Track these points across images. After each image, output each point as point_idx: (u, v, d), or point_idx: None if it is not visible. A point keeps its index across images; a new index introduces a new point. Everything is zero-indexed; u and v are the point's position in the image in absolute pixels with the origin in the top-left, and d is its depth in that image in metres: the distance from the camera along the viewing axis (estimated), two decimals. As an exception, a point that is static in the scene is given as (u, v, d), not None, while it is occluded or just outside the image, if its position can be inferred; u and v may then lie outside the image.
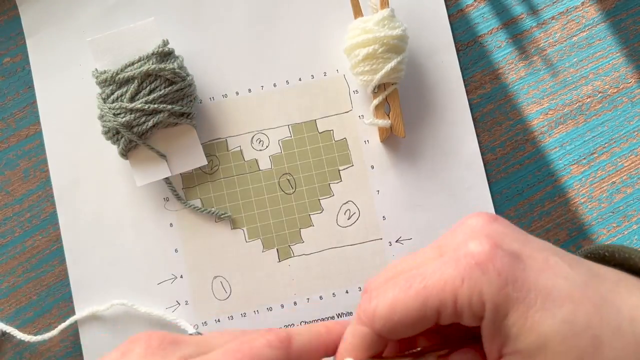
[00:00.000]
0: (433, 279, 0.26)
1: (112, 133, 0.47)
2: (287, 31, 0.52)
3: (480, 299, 0.25)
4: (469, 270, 0.25)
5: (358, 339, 0.28)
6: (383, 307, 0.26)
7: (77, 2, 0.52)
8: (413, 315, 0.26)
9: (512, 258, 0.25)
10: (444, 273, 0.25)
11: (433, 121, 0.51)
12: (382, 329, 0.27)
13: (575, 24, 0.53)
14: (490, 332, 0.25)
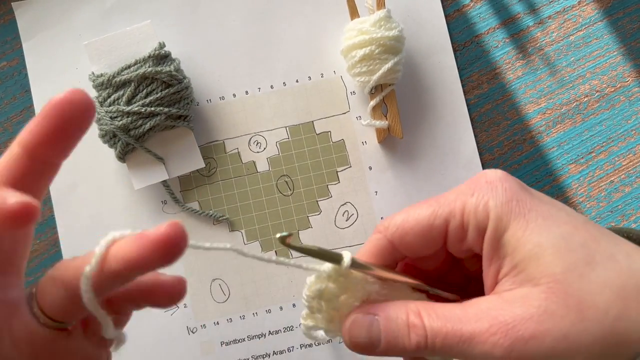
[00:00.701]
0: (445, 196, 0.28)
1: (109, 136, 0.47)
2: (284, 33, 0.52)
3: (486, 209, 0.26)
4: (479, 186, 0.27)
5: (371, 244, 0.29)
6: (398, 217, 0.29)
7: (73, 6, 0.52)
8: (424, 222, 0.28)
9: (521, 185, 0.27)
10: (456, 190, 0.28)
11: (431, 122, 0.51)
12: (394, 235, 0.28)
13: (572, 23, 0.53)
14: (490, 250, 0.26)
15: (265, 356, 0.49)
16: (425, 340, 0.26)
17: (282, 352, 0.49)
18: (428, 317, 0.27)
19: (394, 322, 0.27)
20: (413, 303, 0.28)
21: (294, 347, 0.49)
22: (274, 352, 0.49)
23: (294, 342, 0.49)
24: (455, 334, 0.25)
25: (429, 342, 0.26)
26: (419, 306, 0.27)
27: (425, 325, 0.26)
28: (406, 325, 0.27)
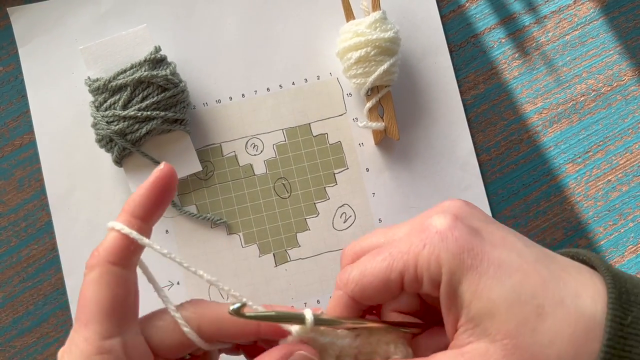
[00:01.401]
0: (398, 247, 0.28)
1: (106, 141, 0.47)
2: (279, 36, 0.52)
3: (438, 263, 0.27)
4: (430, 237, 0.27)
5: (335, 301, 0.30)
6: (355, 273, 0.29)
7: (68, 11, 0.52)
8: (380, 277, 0.28)
9: (470, 230, 0.27)
10: (408, 241, 0.28)
11: (427, 123, 0.51)
12: (354, 291, 0.29)
13: (567, 23, 0.53)
14: (446, 300, 0.27)
15: None
16: None
17: (281, 355, 0.49)
18: None
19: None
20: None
21: (293, 350, 0.49)
22: (273, 354, 0.49)
23: (293, 345, 0.49)
24: None
25: None
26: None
27: None
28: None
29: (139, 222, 0.29)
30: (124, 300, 0.28)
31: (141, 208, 0.30)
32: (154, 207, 0.30)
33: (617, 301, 0.25)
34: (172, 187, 0.31)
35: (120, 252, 0.29)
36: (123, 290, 0.28)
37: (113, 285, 0.28)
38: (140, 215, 0.29)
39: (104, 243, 0.29)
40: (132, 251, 0.29)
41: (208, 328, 0.30)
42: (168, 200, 0.31)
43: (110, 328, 0.28)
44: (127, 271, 0.29)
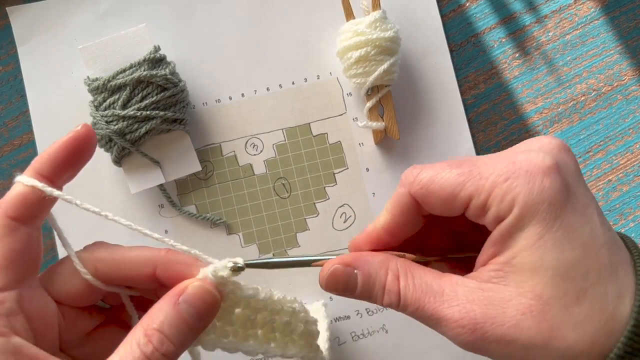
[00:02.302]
0: (480, 168, 0.26)
1: (105, 141, 0.47)
2: (279, 35, 0.52)
3: (512, 202, 0.25)
4: (516, 173, 0.25)
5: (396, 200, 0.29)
6: (425, 174, 0.28)
7: (67, 10, 0.51)
8: (449, 190, 0.27)
9: (560, 184, 0.25)
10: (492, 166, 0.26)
11: (427, 122, 0.51)
12: (417, 192, 0.28)
13: (568, 22, 0.53)
14: (499, 237, 0.26)
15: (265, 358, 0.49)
16: (397, 304, 0.28)
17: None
18: (405, 284, 0.27)
19: (372, 281, 0.28)
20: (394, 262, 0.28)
21: (293, 350, 0.49)
22: (273, 355, 0.49)
23: (293, 345, 0.49)
24: (426, 310, 0.27)
25: (400, 306, 0.28)
26: (400, 268, 0.28)
27: (401, 292, 0.27)
28: (383, 287, 0.28)
29: (45, 180, 0.29)
30: (22, 255, 0.28)
31: (49, 166, 0.29)
32: (62, 167, 0.29)
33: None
34: (86, 150, 0.30)
35: (23, 207, 0.28)
36: (21, 245, 0.28)
37: (11, 240, 0.28)
38: (47, 174, 0.29)
39: (5, 196, 0.29)
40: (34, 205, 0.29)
41: (104, 269, 0.30)
42: (79, 163, 0.30)
43: (3, 281, 0.27)
44: (26, 226, 0.29)
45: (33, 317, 0.28)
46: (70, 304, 0.30)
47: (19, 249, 0.28)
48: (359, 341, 0.49)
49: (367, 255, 0.29)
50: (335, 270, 0.29)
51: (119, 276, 0.30)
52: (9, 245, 0.28)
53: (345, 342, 0.49)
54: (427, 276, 0.27)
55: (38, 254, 0.30)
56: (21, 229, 0.28)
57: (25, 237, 0.29)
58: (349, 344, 0.49)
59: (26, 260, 0.29)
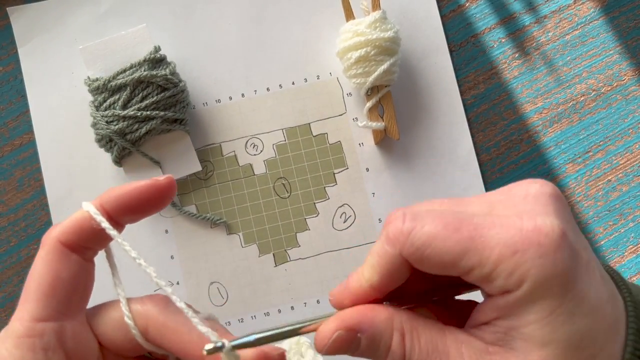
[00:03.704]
0: (485, 235, 0.24)
1: (106, 141, 0.47)
2: (279, 35, 0.52)
3: (521, 278, 0.23)
4: (525, 246, 0.23)
5: (383, 258, 0.25)
6: (421, 233, 0.24)
7: (68, 11, 0.52)
8: (446, 259, 0.24)
9: (572, 254, 0.24)
10: (500, 235, 0.23)
11: (427, 123, 0.51)
12: (411, 255, 0.25)
13: (568, 22, 0.53)
14: (506, 306, 0.24)
15: None
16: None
17: (281, 355, 0.49)
18: (410, 346, 0.26)
19: (376, 344, 0.26)
20: (399, 318, 0.26)
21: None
22: (273, 354, 0.49)
23: (293, 345, 0.49)
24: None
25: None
26: (405, 325, 0.26)
27: (406, 356, 0.26)
28: (387, 349, 0.26)
29: (107, 216, 0.27)
30: (68, 285, 0.26)
31: (115, 204, 0.27)
32: (128, 211, 0.28)
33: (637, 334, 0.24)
34: (160, 202, 0.28)
35: (76, 234, 0.27)
36: (69, 274, 0.26)
37: (57, 266, 0.26)
38: (111, 211, 0.27)
39: (65, 220, 0.27)
40: (90, 238, 0.27)
41: (154, 332, 0.27)
42: (147, 212, 0.28)
43: (46, 311, 0.26)
44: (78, 256, 0.27)
45: (73, 356, 0.26)
46: (114, 351, 0.28)
47: (66, 278, 0.26)
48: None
49: (370, 312, 0.26)
50: (339, 338, 0.26)
51: (165, 344, 0.27)
52: (55, 272, 0.26)
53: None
54: (431, 332, 0.26)
55: (88, 288, 0.28)
56: (71, 257, 0.27)
57: (76, 267, 0.27)
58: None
59: (73, 291, 0.27)
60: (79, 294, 0.27)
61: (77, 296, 0.27)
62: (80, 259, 0.27)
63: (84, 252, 0.27)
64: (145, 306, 0.28)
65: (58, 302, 0.26)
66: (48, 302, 0.26)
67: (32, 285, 0.26)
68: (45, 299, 0.26)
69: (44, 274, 0.26)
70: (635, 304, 0.25)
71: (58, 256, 0.26)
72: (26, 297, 0.26)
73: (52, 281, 0.26)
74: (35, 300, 0.26)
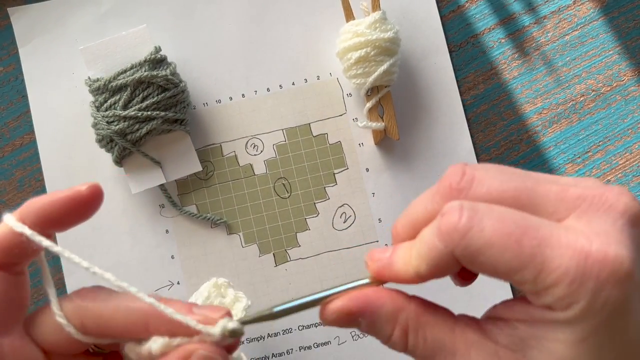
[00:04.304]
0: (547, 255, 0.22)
1: (106, 141, 0.47)
2: (279, 36, 0.52)
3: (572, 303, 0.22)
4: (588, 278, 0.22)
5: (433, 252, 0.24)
6: (478, 237, 0.22)
7: (68, 11, 0.52)
8: (500, 270, 0.23)
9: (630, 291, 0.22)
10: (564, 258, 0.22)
11: (427, 123, 0.52)
12: (462, 256, 0.23)
13: (567, 23, 0.53)
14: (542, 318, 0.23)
15: (264, 358, 0.49)
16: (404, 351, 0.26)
17: (281, 355, 0.49)
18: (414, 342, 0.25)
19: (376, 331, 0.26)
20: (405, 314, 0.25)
21: (293, 349, 0.49)
22: (273, 354, 0.49)
23: (293, 344, 0.49)
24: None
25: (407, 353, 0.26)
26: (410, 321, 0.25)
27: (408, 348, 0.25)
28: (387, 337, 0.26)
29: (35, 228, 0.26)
30: (3, 304, 0.26)
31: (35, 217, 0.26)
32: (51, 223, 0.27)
33: None
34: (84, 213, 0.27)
35: (2, 252, 0.26)
36: (2, 294, 0.26)
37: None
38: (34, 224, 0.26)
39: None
40: (16, 253, 0.26)
41: (91, 324, 0.27)
42: (72, 223, 0.27)
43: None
44: (5, 272, 0.26)
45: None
46: (58, 353, 0.28)
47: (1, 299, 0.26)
48: (359, 340, 0.50)
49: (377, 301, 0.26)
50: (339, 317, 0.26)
51: (107, 332, 0.27)
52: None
53: (345, 342, 0.49)
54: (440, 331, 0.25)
55: (22, 301, 0.27)
56: (3, 277, 0.26)
57: (5, 283, 0.26)
58: (349, 343, 0.49)
59: (6, 308, 0.26)
60: (12, 309, 0.27)
61: (11, 312, 0.26)
62: (7, 275, 0.26)
63: (11, 268, 0.26)
64: (73, 302, 0.27)
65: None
66: None
67: None
68: None
69: None
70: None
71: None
72: None
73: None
74: None
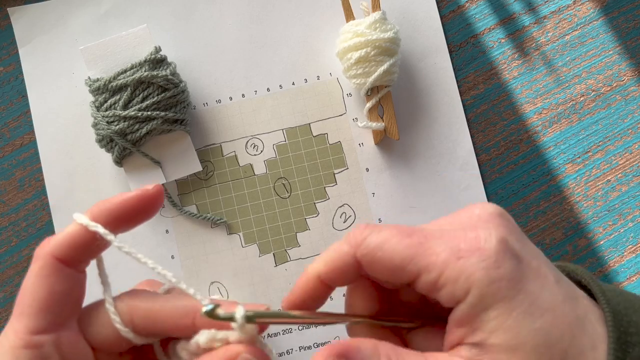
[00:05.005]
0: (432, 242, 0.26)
1: (106, 141, 0.47)
2: (279, 36, 0.52)
3: (468, 282, 0.25)
4: (469, 252, 0.25)
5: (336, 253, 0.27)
6: (374, 238, 0.26)
7: (69, 11, 0.52)
8: (395, 261, 0.26)
9: (512, 256, 0.25)
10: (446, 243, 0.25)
11: (427, 123, 0.52)
12: (363, 257, 0.27)
13: (567, 23, 0.53)
14: (462, 318, 0.25)
15: (265, 359, 0.49)
16: None
17: (281, 355, 0.49)
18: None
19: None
20: (384, 347, 0.27)
21: (293, 349, 0.49)
22: (273, 354, 0.49)
23: (293, 344, 0.49)
24: None
25: None
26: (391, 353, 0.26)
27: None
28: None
29: None
30: (63, 298, 0.27)
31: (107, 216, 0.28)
32: (120, 222, 0.28)
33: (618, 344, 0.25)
34: (150, 211, 0.29)
35: (71, 249, 0.27)
36: (63, 287, 0.27)
37: (51, 280, 0.27)
38: (103, 223, 0.28)
39: (59, 235, 0.27)
40: (84, 251, 0.28)
41: (141, 321, 0.28)
42: (138, 222, 0.29)
43: (42, 324, 0.27)
44: (72, 269, 0.28)
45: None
46: (103, 350, 0.29)
47: (60, 292, 0.27)
48: (358, 340, 0.50)
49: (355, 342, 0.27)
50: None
51: (155, 328, 0.29)
52: (50, 286, 0.27)
53: (345, 342, 0.49)
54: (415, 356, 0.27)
55: (80, 298, 0.28)
56: (65, 271, 0.27)
57: (69, 280, 0.27)
58: (349, 344, 0.49)
59: (67, 304, 0.28)
60: (72, 304, 0.28)
61: (71, 307, 0.28)
62: (73, 272, 0.28)
63: (77, 265, 0.28)
64: (124, 302, 0.29)
65: (54, 315, 0.27)
66: (44, 316, 0.27)
67: (26, 299, 0.27)
68: (41, 313, 0.27)
69: (38, 289, 0.27)
70: (614, 313, 0.26)
71: (52, 271, 0.27)
72: (21, 310, 0.27)
73: (47, 295, 0.27)
74: (31, 314, 0.27)
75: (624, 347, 0.25)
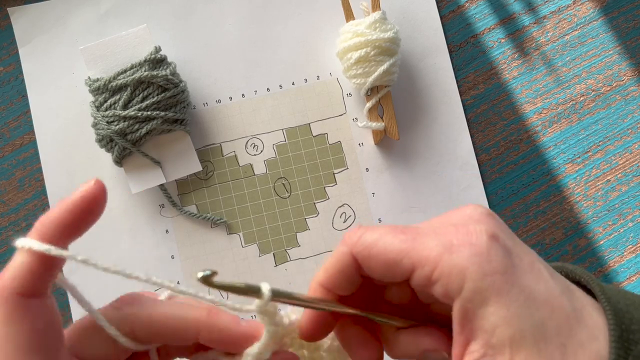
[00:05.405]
0: (425, 237, 0.26)
1: (106, 141, 0.47)
2: (279, 36, 0.52)
3: (462, 276, 0.25)
4: (462, 246, 0.25)
5: (334, 257, 0.28)
6: (369, 236, 0.27)
7: (69, 11, 0.52)
8: (390, 256, 0.26)
9: (504, 251, 0.25)
10: (439, 239, 0.26)
11: (427, 123, 0.52)
12: (359, 254, 0.27)
13: (567, 23, 0.53)
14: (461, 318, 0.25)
15: (264, 358, 0.49)
16: None
17: (281, 355, 0.49)
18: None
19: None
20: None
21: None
22: (273, 354, 0.49)
23: (293, 344, 0.49)
24: None
25: None
26: None
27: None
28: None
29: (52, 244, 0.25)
30: (45, 333, 0.25)
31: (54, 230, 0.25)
32: (69, 231, 0.26)
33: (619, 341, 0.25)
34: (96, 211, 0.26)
35: (30, 278, 0.24)
36: (41, 322, 0.24)
37: (27, 321, 0.24)
38: (52, 239, 0.25)
39: (10, 269, 0.24)
40: (43, 274, 0.25)
41: (142, 332, 0.27)
42: (88, 225, 0.26)
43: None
44: (41, 300, 0.25)
45: None
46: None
47: (41, 328, 0.25)
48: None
49: None
50: None
51: (157, 339, 0.27)
52: (29, 327, 0.24)
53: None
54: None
55: (59, 324, 0.26)
56: (34, 303, 0.25)
57: (43, 311, 0.25)
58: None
59: (51, 336, 0.25)
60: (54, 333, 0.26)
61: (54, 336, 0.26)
62: (40, 301, 0.25)
63: (44, 293, 0.25)
64: (120, 311, 0.27)
65: (44, 353, 0.25)
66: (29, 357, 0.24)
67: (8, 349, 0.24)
68: (26, 356, 0.24)
69: (17, 335, 0.24)
70: (615, 311, 0.26)
71: (24, 310, 0.24)
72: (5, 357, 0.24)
73: (31, 338, 0.24)
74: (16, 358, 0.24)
75: (626, 344, 0.25)
